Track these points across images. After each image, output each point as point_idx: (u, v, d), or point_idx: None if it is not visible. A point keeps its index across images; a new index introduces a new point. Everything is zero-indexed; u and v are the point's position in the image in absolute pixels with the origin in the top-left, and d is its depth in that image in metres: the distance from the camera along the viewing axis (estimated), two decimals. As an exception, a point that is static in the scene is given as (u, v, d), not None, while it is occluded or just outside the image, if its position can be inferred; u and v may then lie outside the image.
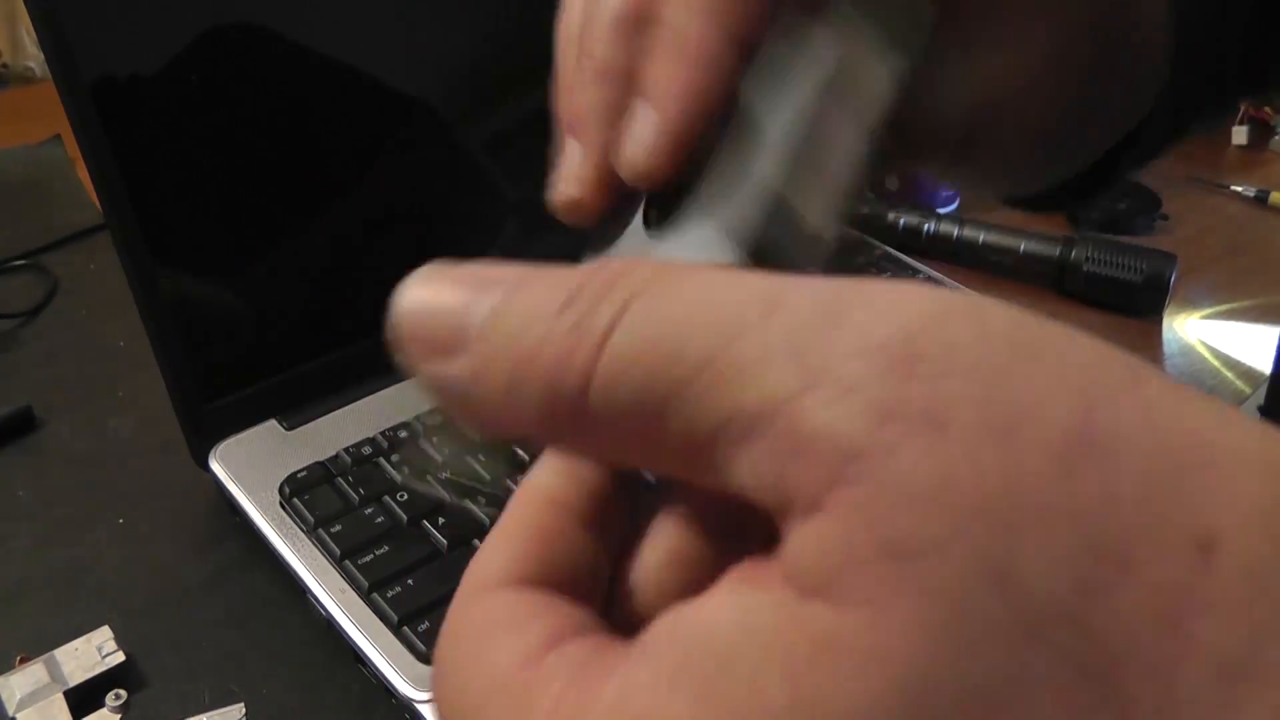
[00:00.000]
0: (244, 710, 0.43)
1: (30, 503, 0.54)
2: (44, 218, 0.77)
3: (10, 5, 1.14)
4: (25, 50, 1.14)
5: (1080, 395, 0.14)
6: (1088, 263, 0.72)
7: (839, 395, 0.14)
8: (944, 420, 0.13)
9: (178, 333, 0.50)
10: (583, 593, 0.19)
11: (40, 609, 0.48)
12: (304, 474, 0.50)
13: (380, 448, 0.52)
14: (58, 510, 0.53)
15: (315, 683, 0.45)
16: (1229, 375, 0.67)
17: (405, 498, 0.49)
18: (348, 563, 0.46)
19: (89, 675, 0.43)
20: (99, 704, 0.43)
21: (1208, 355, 0.69)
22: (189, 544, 0.51)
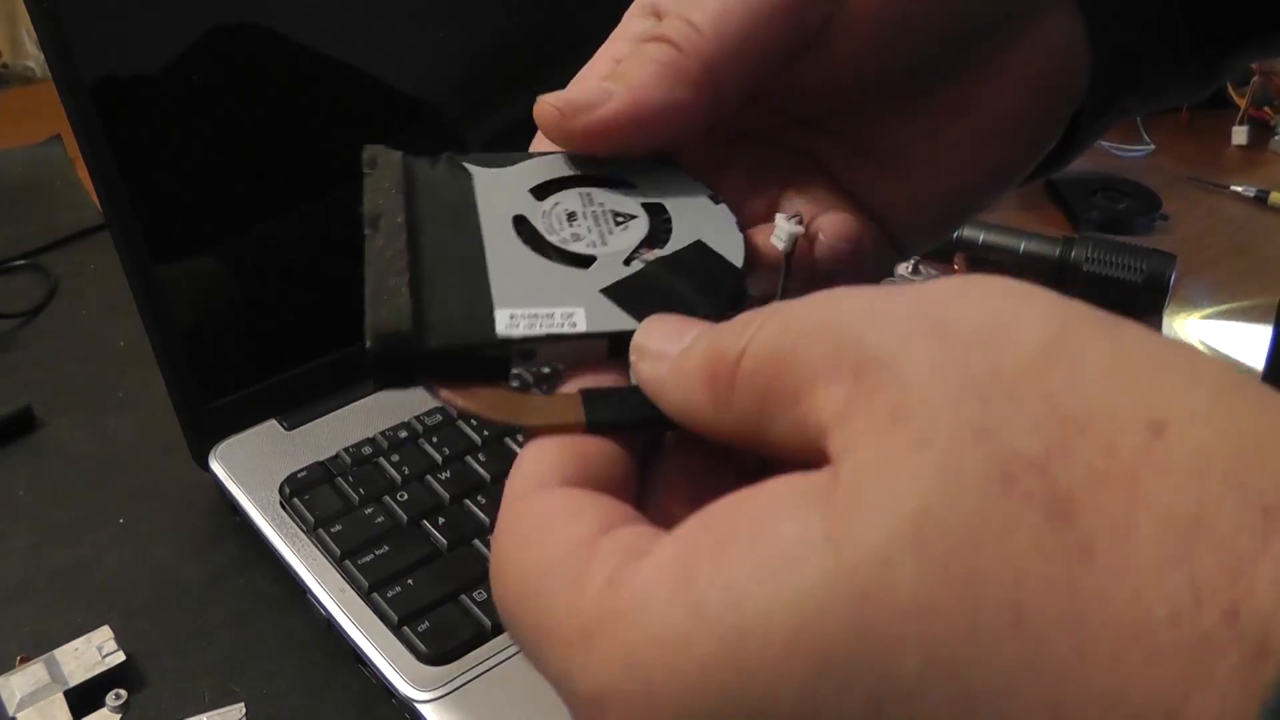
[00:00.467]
0: (244, 710, 0.43)
1: (30, 503, 0.54)
2: (44, 218, 0.77)
3: (10, 5, 1.14)
4: (25, 50, 1.14)
5: (1057, 322, 0.18)
6: (1087, 263, 0.72)
7: (885, 325, 0.19)
8: (946, 333, 0.18)
9: (178, 333, 0.50)
10: (618, 495, 0.22)
11: (40, 609, 0.48)
12: (304, 474, 0.50)
13: (380, 448, 0.52)
14: (58, 510, 0.53)
15: (315, 683, 0.45)
16: (1229, 375, 0.67)
17: (405, 498, 0.49)
18: (348, 563, 0.46)
19: (89, 675, 0.43)
20: (99, 704, 0.43)
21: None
22: (189, 544, 0.51)
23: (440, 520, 0.48)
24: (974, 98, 0.31)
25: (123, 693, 0.43)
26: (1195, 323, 0.72)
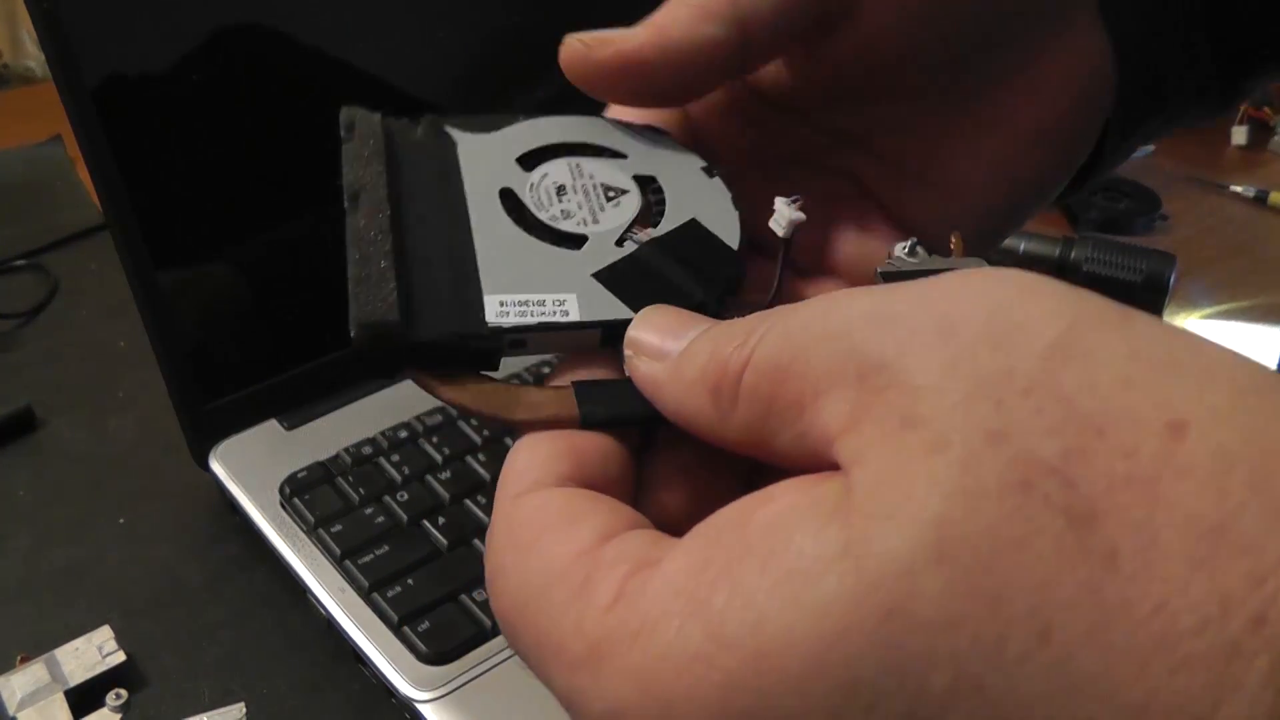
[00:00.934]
0: (244, 710, 0.43)
1: (30, 503, 0.54)
2: (44, 218, 0.77)
3: (10, 5, 1.14)
4: (25, 50, 1.14)
5: (1067, 319, 0.17)
6: (1087, 263, 0.72)
7: (886, 324, 0.18)
8: (954, 331, 0.17)
9: (178, 333, 0.50)
10: (616, 493, 0.21)
11: (40, 609, 0.48)
12: (304, 474, 0.50)
13: (380, 448, 0.52)
14: (58, 510, 0.53)
15: (315, 683, 0.45)
16: (1229, 375, 0.67)
17: (405, 498, 0.49)
18: (348, 562, 0.46)
19: (89, 675, 0.43)
20: (99, 704, 0.43)
21: (1207, 355, 0.69)
22: (189, 544, 0.51)
23: (440, 520, 0.48)
24: (1008, 111, 0.31)
25: (123, 692, 0.43)
26: (1195, 323, 0.72)
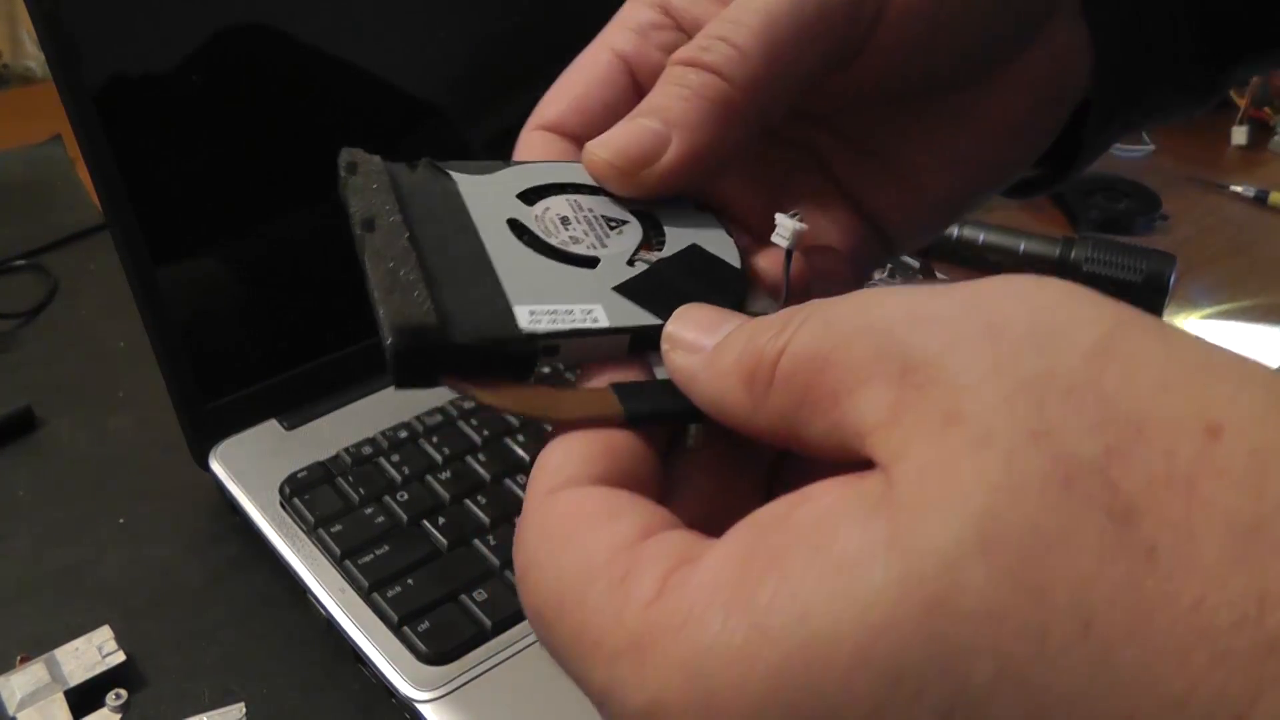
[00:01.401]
0: (244, 710, 0.43)
1: (30, 503, 0.54)
2: (44, 218, 0.77)
3: (10, 5, 1.14)
4: (25, 50, 1.14)
5: (1107, 324, 0.17)
6: (1087, 263, 0.72)
7: (929, 324, 0.18)
8: (998, 334, 0.18)
9: (178, 333, 0.50)
10: (646, 494, 0.21)
11: (40, 609, 0.48)
12: (304, 474, 0.50)
13: (380, 448, 0.52)
14: (58, 510, 0.53)
15: (315, 683, 0.45)
16: (1229, 375, 0.67)
17: (405, 498, 0.49)
18: (348, 563, 0.46)
19: (89, 675, 0.43)
20: (99, 704, 0.43)
21: (1207, 355, 0.69)
22: (189, 544, 0.51)
23: (440, 520, 0.48)
24: (979, 106, 0.31)
25: (123, 692, 0.43)
26: (1195, 323, 0.72)
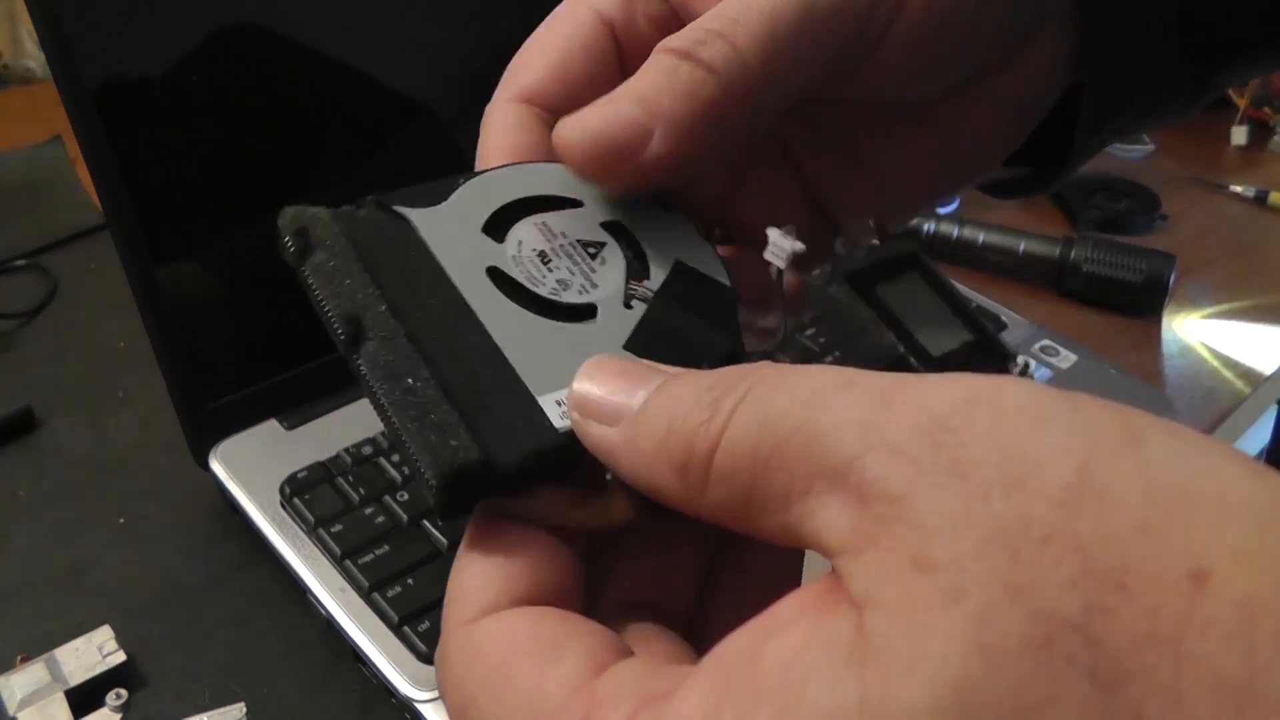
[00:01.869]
0: (244, 709, 0.43)
1: (30, 503, 0.54)
2: (44, 218, 0.77)
3: (10, 5, 1.14)
4: (25, 50, 1.14)
5: (1079, 454, 0.16)
6: (1087, 263, 0.72)
7: (889, 454, 0.17)
8: (965, 474, 0.16)
9: (178, 333, 0.50)
10: (576, 605, 0.20)
11: (40, 609, 0.48)
12: (304, 474, 0.50)
13: (380, 448, 0.52)
14: (58, 510, 0.53)
15: (315, 682, 0.45)
16: (1228, 375, 0.67)
17: (405, 498, 0.49)
18: (348, 563, 0.46)
19: (90, 675, 0.43)
20: (100, 703, 0.43)
21: (1207, 355, 0.69)
22: (189, 544, 0.51)
23: (440, 520, 0.48)
24: (957, 114, 0.30)
25: (123, 692, 0.43)
26: (1194, 323, 0.72)
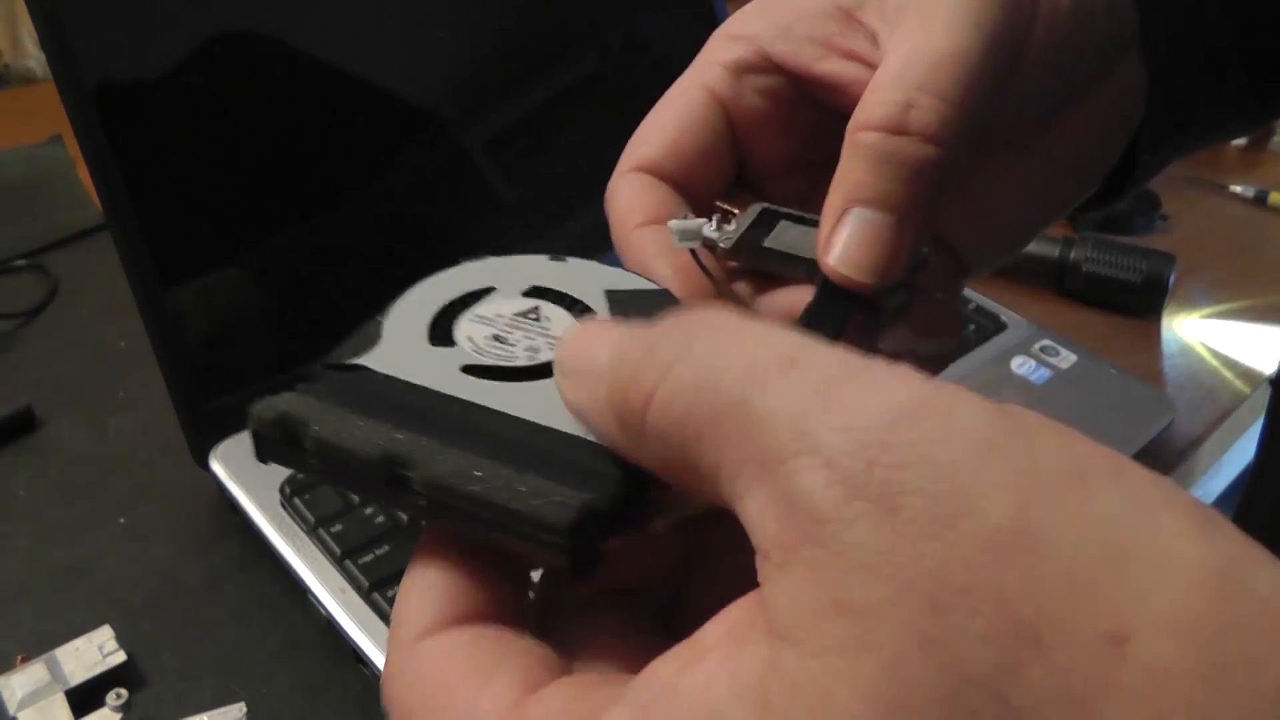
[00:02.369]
0: (245, 709, 0.43)
1: (30, 503, 0.54)
2: (44, 218, 0.77)
3: (10, 5, 1.14)
4: (25, 50, 1.14)
5: (1019, 494, 0.15)
6: (1087, 263, 0.72)
7: (821, 465, 0.16)
8: (897, 506, 0.15)
9: (178, 333, 0.50)
10: (513, 619, 0.21)
11: (40, 609, 0.48)
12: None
13: (380, 448, 0.52)
14: (58, 510, 0.53)
15: (315, 682, 0.45)
16: (1228, 375, 0.67)
17: (405, 498, 0.49)
18: (348, 562, 0.46)
19: (90, 675, 0.43)
20: (100, 703, 0.43)
21: (1206, 355, 0.69)
22: (189, 544, 0.51)
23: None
24: (1048, 143, 0.32)
25: (123, 692, 0.43)
26: (1194, 323, 0.72)
